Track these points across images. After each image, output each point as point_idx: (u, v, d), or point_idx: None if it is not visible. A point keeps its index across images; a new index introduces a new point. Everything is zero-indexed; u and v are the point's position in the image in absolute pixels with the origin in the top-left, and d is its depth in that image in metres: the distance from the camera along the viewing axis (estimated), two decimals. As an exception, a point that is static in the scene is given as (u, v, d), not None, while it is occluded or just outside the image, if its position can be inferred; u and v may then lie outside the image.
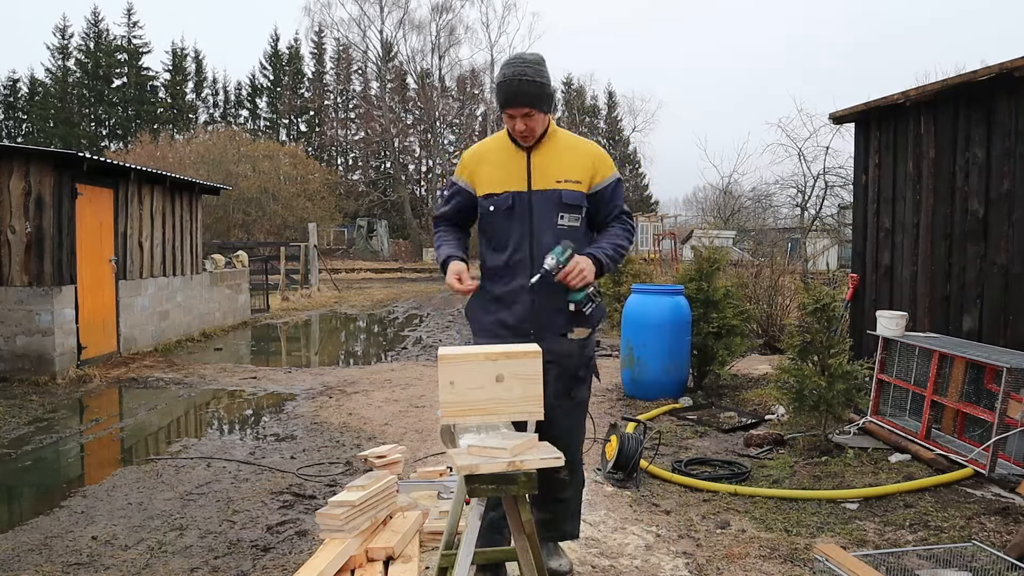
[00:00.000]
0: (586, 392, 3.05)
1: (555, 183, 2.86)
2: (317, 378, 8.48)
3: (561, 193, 2.85)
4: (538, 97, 2.74)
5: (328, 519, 3.15)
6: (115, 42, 54.13)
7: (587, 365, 3.00)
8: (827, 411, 5.07)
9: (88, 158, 8.50)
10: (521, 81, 2.70)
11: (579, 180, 2.89)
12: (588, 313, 2.84)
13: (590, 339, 2.98)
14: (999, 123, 5.32)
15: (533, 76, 2.72)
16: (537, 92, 2.73)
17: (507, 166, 2.90)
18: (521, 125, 2.78)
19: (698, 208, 41.54)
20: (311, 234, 21.85)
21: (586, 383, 3.03)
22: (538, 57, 2.79)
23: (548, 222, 2.85)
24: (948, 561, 3.16)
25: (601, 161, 2.97)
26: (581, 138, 3.07)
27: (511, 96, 2.72)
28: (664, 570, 3.35)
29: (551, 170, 2.87)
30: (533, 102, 2.73)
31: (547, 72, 2.78)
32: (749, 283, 10.56)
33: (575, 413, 3.02)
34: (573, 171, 2.88)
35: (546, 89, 2.77)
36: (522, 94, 2.71)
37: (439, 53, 49.97)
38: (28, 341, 8.05)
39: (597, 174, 2.94)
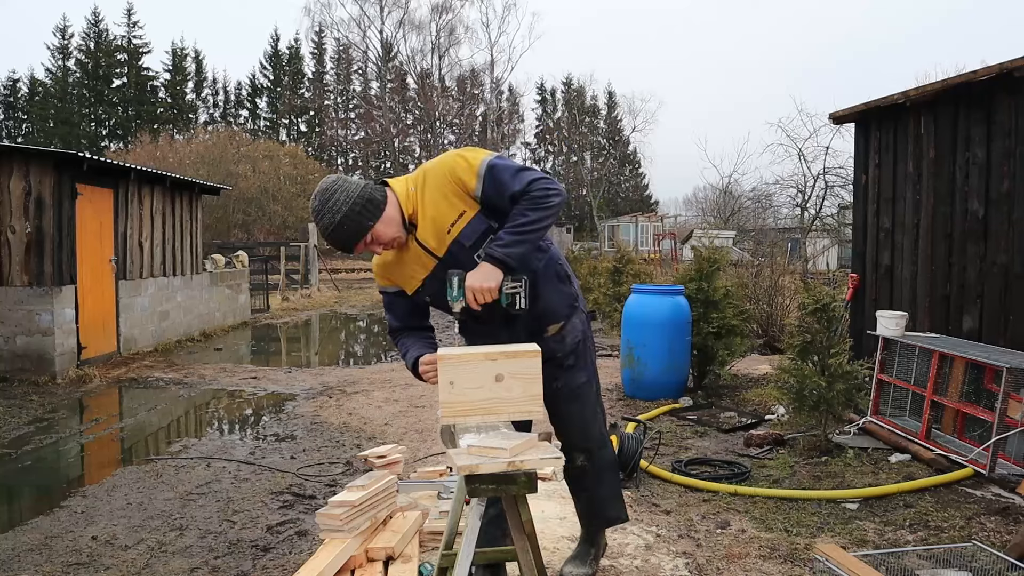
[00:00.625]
0: (578, 377, 2.89)
1: (447, 234, 2.60)
2: (317, 378, 8.48)
3: (459, 239, 2.59)
4: (356, 230, 2.49)
5: (328, 519, 3.15)
6: (115, 42, 54.17)
7: (574, 352, 2.86)
8: (827, 411, 5.07)
9: (88, 158, 8.50)
10: (330, 235, 2.50)
11: (462, 210, 2.59)
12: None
13: (568, 327, 2.84)
14: (999, 123, 5.32)
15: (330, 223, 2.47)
16: (349, 230, 2.49)
17: (412, 258, 2.68)
18: (378, 249, 2.61)
19: (698, 208, 41.57)
20: (311, 234, 21.84)
21: (576, 368, 2.88)
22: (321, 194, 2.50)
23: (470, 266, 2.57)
24: (948, 561, 3.16)
25: (457, 169, 2.59)
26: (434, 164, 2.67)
27: (342, 248, 2.53)
28: (664, 570, 3.35)
29: (436, 229, 2.61)
30: (356, 236, 2.51)
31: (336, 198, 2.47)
32: (749, 283, 10.56)
33: (573, 403, 2.90)
34: (450, 209, 2.59)
35: (353, 211, 2.47)
36: (343, 242, 2.50)
37: (439, 53, 50.02)
38: (28, 341, 8.05)
39: (468, 183, 2.57)
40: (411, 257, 2.69)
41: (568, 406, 2.90)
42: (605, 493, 3.03)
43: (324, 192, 2.51)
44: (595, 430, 2.97)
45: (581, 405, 2.92)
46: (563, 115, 59.08)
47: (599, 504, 3.03)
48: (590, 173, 53.60)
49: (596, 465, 2.97)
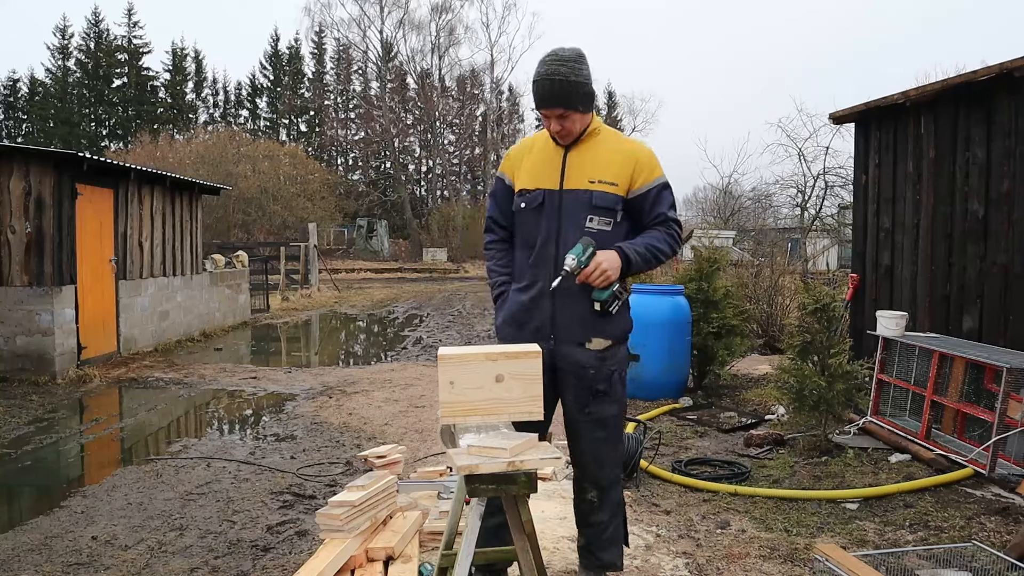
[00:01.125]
0: (610, 408, 2.80)
1: (587, 183, 2.72)
2: (317, 378, 8.48)
3: (592, 194, 2.71)
4: (571, 97, 2.63)
5: (328, 519, 3.16)
6: (115, 42, 54.14)
7: (607, 379, 2.77)
8: (827, 411, 5.07)
9: (88, 158, 8.50)
10: (553, 81, 2.60)
11: (615, 182, 2.73)
12: (613, 313, 2.70)
13: (612, 352, 2.78)
14: (999, 123, 5.32)
15: (567, 75, 2.61)
16: (570, 92, 2.62)
17: (544, 163, 2.80)
18: (556, 126, 2.69)
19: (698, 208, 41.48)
20: (311, 234, 21.85)
21: (609, 399, 2.78)
22: (575, 53, 2.66)
23: (576, 223, 2.71)
24: (948, 561, 3.16)
25: (644, 164, 2.76)
26: (629, 139, 2.89)
27: (544, 97, 2.64)
28: (664, 570, 3.35)
29: (586, 170, 2.74)
30: (566, 102, 2.63)
31: (584, 69, 2.66)
32: (749, 283, 10.56)
33: (598, 431, 2.80)
34: (609, 172, 2.73)
35: (581, 88, 2.64)
36: (555, 95, 2.62)
37: (439, 53, 49.97)
38: (28, 341, 8.05)
39: (638, 178, 2.74)
40: (548, 163, 2.80)
41: (592, 435, 2.80)
42: (607, 536, 2.91)
43: (579, 56, 2.67)
44: (611, 468, 2.88)
45: (604, 438, 2.82)
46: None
47: (598, 545, 2.91)
48: (590, 173, 53.45)
49: (604, 504, 2.87)
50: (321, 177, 40.31)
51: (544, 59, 2.65)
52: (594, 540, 2.90)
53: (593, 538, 2.90)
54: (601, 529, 2.88)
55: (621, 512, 2.96)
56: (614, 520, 2.91)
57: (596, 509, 2.86)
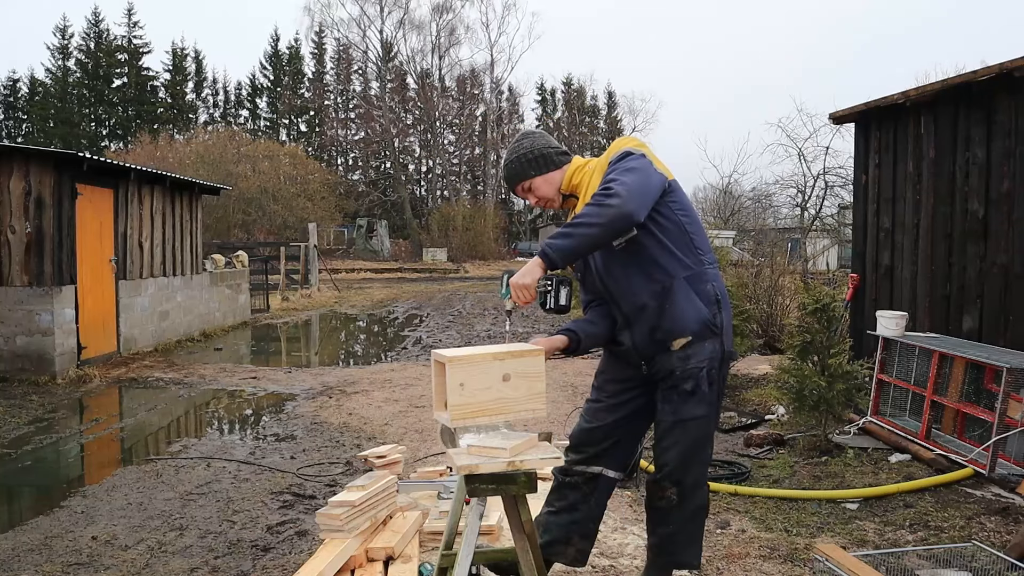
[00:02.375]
0: (695, 409, 2.66)
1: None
2: (317, 378, 8.48)
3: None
4: (519, 171, 2.80)
5: (328, 519, 3.16)
6: (115, 42, 54.15)
7: (694, 377, 2.63)
8: (827, 411, 5.07)
9: (88, 158, 8.50)
10: (503, 168, 2.88)
11: None
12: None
13: (697, 347, 2.64)
14: (999, 123, 5.32)
15: (508, 157, 2.85)
16: (516, 169, 2.80)
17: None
18: (531, 198, 2.86)
19: (698, 208, 41.51)
20: (311, 234, 21.85)
21: (694, 398, 2.65)
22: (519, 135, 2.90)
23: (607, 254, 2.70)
24: (948, 561, 3.16)
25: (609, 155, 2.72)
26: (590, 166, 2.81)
27: (506, 181, 2.89)
28: (664, 570, 3.35)
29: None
30: (519, 177, 2.81)
31: (527, 143, 2.82)
32: (749, 283, 10.55)
33: (682, 431, 2.68)
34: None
35: (524, 159, 2.79)
36: (507, 178, 2.86)
37: (439, 53, 49.97)
38: (28, 341, 8.05)
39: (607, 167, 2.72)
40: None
41: (677, 433, 2.68)
42: (686, 536, 2.79)
43: (523, 136, 2.88)
44: (697, 468, 2.75)
45: (692, 436, 2.69)
46: (563, 115, 59.03)
47: (676, 545, 2.78)
48: (590, 173, 53.49)
49: (686, 505, 2.74)
50: (321, 177, 40.31)
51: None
52: (670, 539, 2.78)
53: (667, 536, 2.78)
54: (675, 529, 2.76)
55: (702, 516, 2.84)
56: (690, 522, 2.77)
57: (674, 508, 2.73)
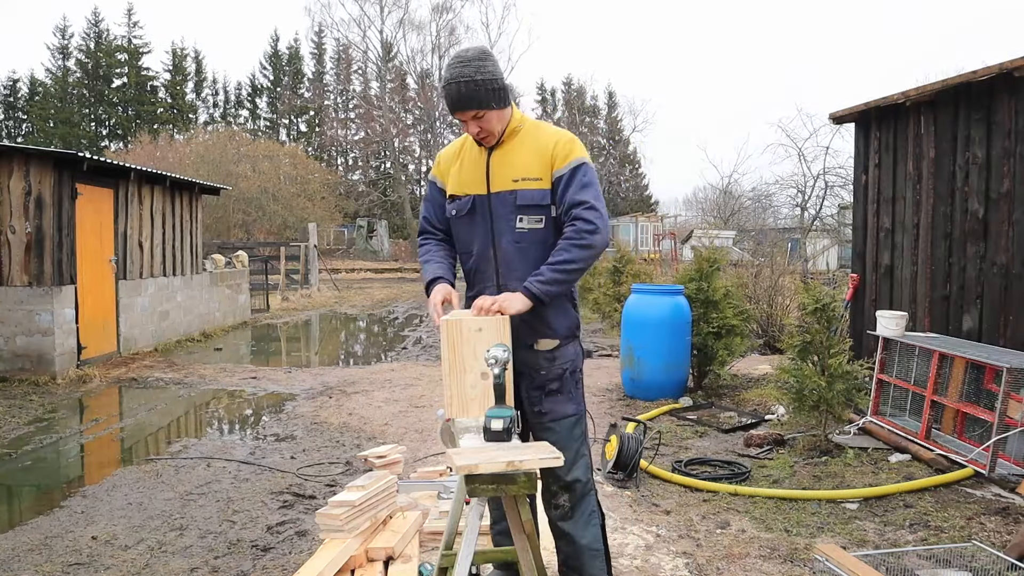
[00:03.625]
0: (565, 408, 2.68)
1: (511, 183, 2.63)
2: (317, 378, 8.48)
3: (516, 194, 2.63)
4: (480, 96, 2.55)
5: (328, 519, 3.16)
6: (115, 42, 54.13)
7: (559, 378, 2.67)
8: (827, 411, 5.07)
9: (88, 158, 8.50)
10: (459, 84, 2.53)
11: (539, 176, 2.62)
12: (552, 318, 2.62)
13: (563, 350, 2.69)
14: (999, 123, 5.32)
15: (472, 75, 2.53)
16: (478, 91, 2.54)
17: (470, 167, 2.72)
18: (475, 128, 2.61)
19: (698, 208, 41.56)
20: (311, 234, 21.85)
21: (561, 397, 2.68)
22: (477, 52, 2.59)
23: (507, 226, 2.64)
24: (948, 561, 3.16)
25: (562, 147, 2.63)
26: (549, 126, 2.75)
27: (454, 101, 2.57)
28: (664, 570, 3.35)
29: (508, 169, 2.65)
30: (477, 102, 2.55)
31: (489, 65, 2.57)
32: (749, 283, 10.56)
33: (556, 430, 2.67)
34: (532, 167, 2.63)
35: (489, 85, 2.55)
36: (464, 97, 2.54)
37: (439, 53, 49.94)
38: (28, 341, 8.05)
39: (556, 162, 2.62)
40: (474, 167, 2.72)
41: (549, 435, 2.65)
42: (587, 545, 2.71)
43: (481, 52, 2.60)
44: (580, 471, 2.70)
45: (565, 437, 2.67)
46: (563, 115, 59.00)
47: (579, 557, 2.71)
48: (590, 173, 53.50)
49: (579, 509, 2.70)
50: (321, 177, 40.29)
51: (448, 64, 2.59)
52: (572, 552, 2.73)
53: (570, 549, 2.72)
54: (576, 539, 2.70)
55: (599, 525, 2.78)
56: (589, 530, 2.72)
57: (567, 516, 2.70)
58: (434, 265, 2.79)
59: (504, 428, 2.32)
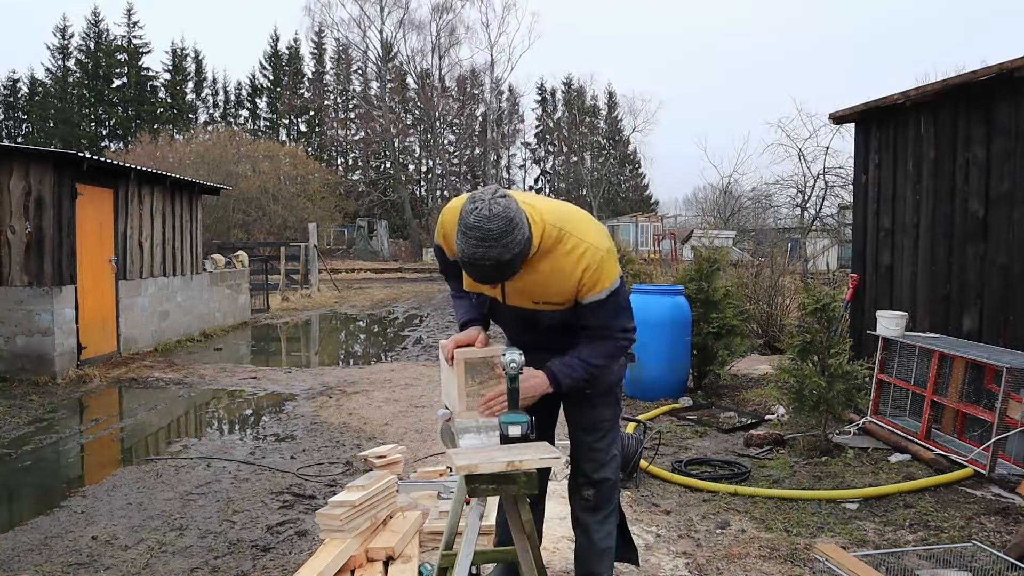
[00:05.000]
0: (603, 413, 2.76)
1: (531, 303, 2.53)
2: (317, 378, 8.48)
3: (538, 313, 2.55)
4: (508, 271, 2.28)
5: (328, 519, 3.16)
6: (115, 42, 54.13)
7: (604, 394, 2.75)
8: (827, 411, 5.08)
9: (88, 158, 8.50)
10: (485, 267, 2.23)
11: (560, 302, 2.50)
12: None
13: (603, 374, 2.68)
14: (999, 123, 5.32)
15: (499, 256, 2.20)
16: (505, 268, 2.26)
17: None
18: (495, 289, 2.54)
19: (698, 208, 41.54)
20: (311, 234, 21.85)
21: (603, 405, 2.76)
22: (502, 225, 2.19)
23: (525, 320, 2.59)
24: (948, 561, 3.16)
25: (588, 280, 2.42)
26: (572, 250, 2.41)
27: (475, 277, 2.34)
28: (664, 570, 3.35)
29: (527, 291, 2.50)
30: (510, 273, 2.31)
31: (517, 237, 2.22)
32: (749, 283, 10.56)
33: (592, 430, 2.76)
34: (552, 292, 2.48)
35: (518, 260, 2.27)
36: (489, 277, 2.31)
37: (439, 53, 49.98)
38: (28, 341, 8.05)
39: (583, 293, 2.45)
40: None
41: (586, 436, 2.76)
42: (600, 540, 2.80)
43: (508, 223, 2.21)
44: (609, 469, 2.79)
45: (600, 438, 2.77)
46: (563, 115, 59.03)
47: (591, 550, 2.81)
48: (590, 173, 53.59)
49: (603, 505, 2.79)
50: (321, 177, 40.30)
51: (468, 234, 2.20)
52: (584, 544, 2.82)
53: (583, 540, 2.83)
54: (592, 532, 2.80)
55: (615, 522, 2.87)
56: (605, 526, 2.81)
57: (591, 508, 2.79)
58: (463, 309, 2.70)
59: (522, 434, 2.35)
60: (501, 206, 2.21)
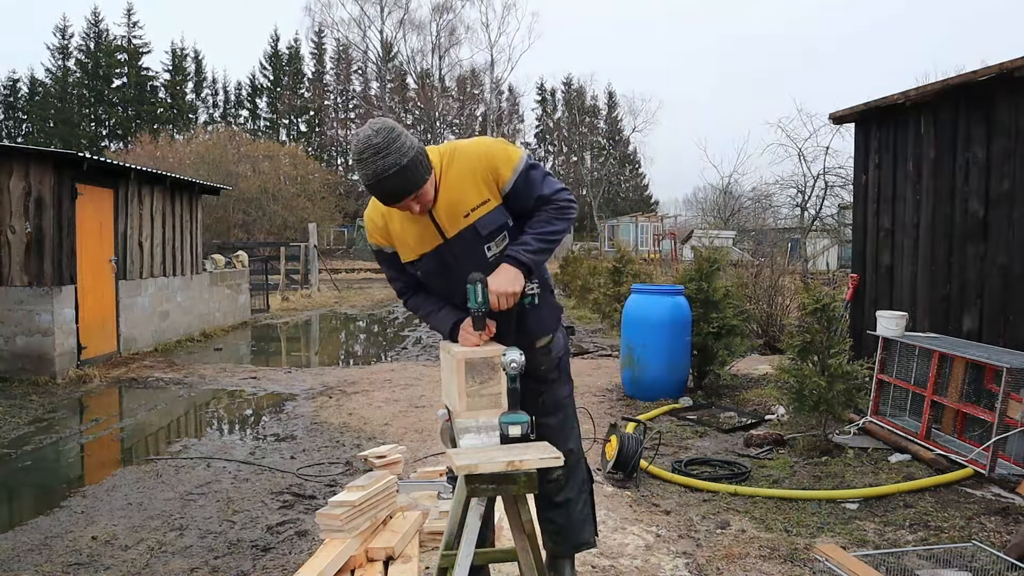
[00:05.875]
0: (562, 391, 2.85)
1: (464, 219, 2.50)
2: (317, 378, 8.48)
3: (475, 226, 2.50)
4: (417, 178, 2.32)
5: (328, 519, 3.16)
6: (115, 42, 54.19)
7: (558, 367, 2.82)
8: (827, 411, 5.07)
9: (88, 158, 8.50)
10: (387, 177, 2.27)
11: (486, 197, 2.50)
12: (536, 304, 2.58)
13: (555, 342, 2.79)
14: (999, 123, 5.32)
15: (398, 161, 2.26)
16: (413, 176, 2.31)
17: (415, 228, 2.55)
18: (415, 206, 2.42)
19: (698, 208, 41.55)
20: (311, 234, 21.85)
21: (559, 382, 2.84)
22: (387, 133, 2.28)
23: (477, 262, 2.52)
24: (948, 561, 3.16)
25: (496, 159, 2.50)
26: (469, 144, 2.55)
27: (388, 198, 2.35)
28: (664, 570, 3.35)
29: (454, 208, 2.49)
30: (414, 185, 2.33)
31: (405, 141, 2.30)
32: (749, 283, 10.57)
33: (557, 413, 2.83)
34: (475, 193, 2.49)
35: (417, 163, 2.31)
36: (399, 189, 2.31)
37: (439, 53, 50.07)
38: (28, 341, 8.05)
39: (499, 176, 2.50)
40: (416, 228, 2.55)
41: (550, 418, 2.79)
42: (577, 514, 2.90)
43: (390, 131, 2.29)
44: (574, 441, 2.89)
45: (564, 417, 2.86)
46: (563, 115, 59.09)
47: (572, 524, 2.89)
48: (590, 173, 53.62)
49: (571, 481, 2.88)
50: (321, 177, 40.31)
51: (360, 156, 2.29)
52: (565, 520, 2.90)
53: (564, 518, 2.90)
54: (570, 507, 2.89)
55: (588, 489, 2.99)
56: (581, 496, 2.93)
57: (563, 487, 2.87)
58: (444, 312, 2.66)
59: (523, 434, 2.36)
60: (379, 122, 2.35)
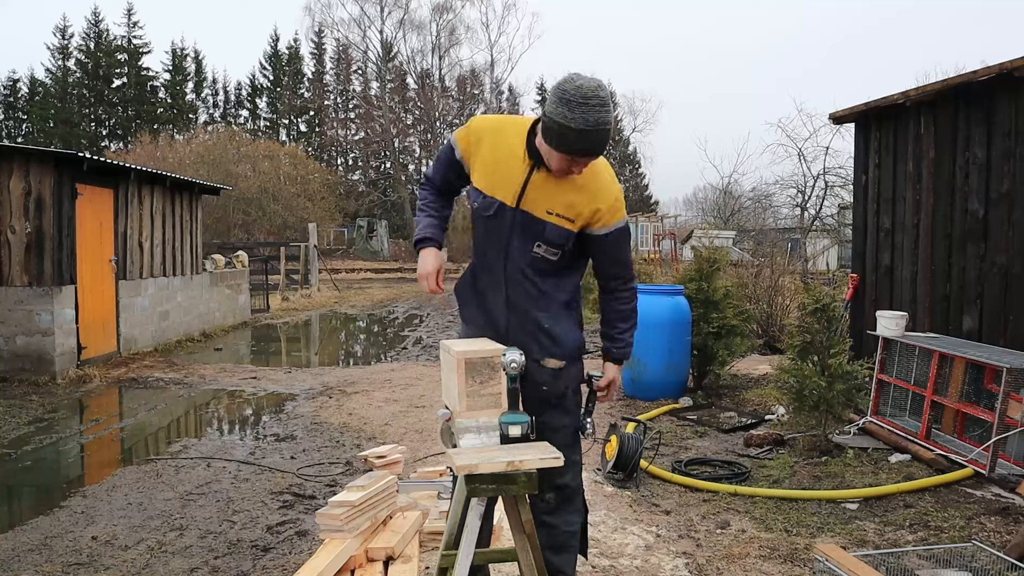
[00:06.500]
0: (562, 419, 2.70)
1: (544, 213, 2.54)
2: (317, 378, 8.48)
3: (546, 226, 2.54)
4: (606, 143, 2.40)
5: (328, 519, 3.16)
6: (115, 42, 54.10)
7: (561, 395, 2.70)
8: (827, 411, 5.07)
9: (88, 158, 8.50)
10: (601, 131, 2.33)
11: (572, 218, 2.54)
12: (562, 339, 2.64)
13: (568, 371, 2.70)
14: (999, 123, 5.32)
15: (608, 122, 2.35)
16: (607, 140, 2.39)
17: (507, 169, 2.56)
18: (577, 168, 2.45)
19: (698, 208, 41.60)
20: (311, 234, 21.85)
21: (561, 410, 2.70)
22: (606, 94, 2.36)
23: (524, 246, 2.57)
24: (948, 561, 3.16)
25: (608, 207, 2.55)
26: (599, 173, 2.57)
27: (589, 147, 2.36)
28: (664, 570, 3.35)
29: (547, 197, 2.53)
30: (602, 150, 2.41)
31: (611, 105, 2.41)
32: (749, 283, 10.56)
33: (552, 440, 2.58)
34: (569, 206, 2.53)
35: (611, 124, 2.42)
36: (600, 143, 2.36)
37: (439, 53, 50.05)
38: (28, 341, 8.05)
39: (599, 219, 2.56)
40: (510, 172, 2.56)
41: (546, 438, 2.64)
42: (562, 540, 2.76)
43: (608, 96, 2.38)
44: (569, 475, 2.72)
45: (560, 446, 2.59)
46: (563, 115, 58.97)
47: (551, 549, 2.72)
48: (590, 173, 53.55)
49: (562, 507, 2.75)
50: (321, 177, 40.32)
51: (582, 102, 2.30)
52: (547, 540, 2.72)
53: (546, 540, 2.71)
54: (556, 532, 2.75)
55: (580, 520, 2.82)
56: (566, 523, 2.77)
57: (553, 511, 2.74)
58: (428, 220, 2.75)
59: (522, 434, 2.34)
60: (596, 80, 2.37)
